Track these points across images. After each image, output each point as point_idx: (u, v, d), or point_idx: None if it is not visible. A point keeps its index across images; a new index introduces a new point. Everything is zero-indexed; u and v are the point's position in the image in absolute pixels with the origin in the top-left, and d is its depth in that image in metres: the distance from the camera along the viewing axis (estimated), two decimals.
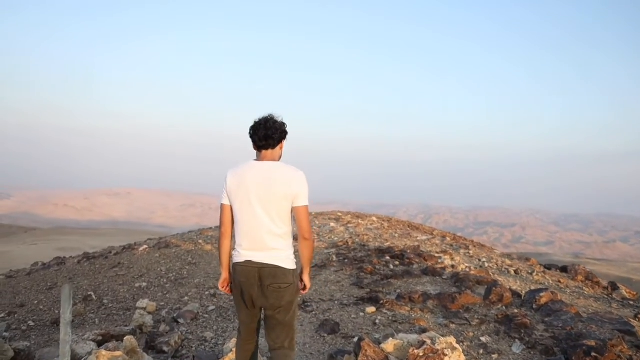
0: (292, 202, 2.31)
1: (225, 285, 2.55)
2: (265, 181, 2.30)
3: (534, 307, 4.68)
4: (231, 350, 3.57)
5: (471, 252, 10.93)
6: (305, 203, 2.33)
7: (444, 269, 7.54)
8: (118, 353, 3.03)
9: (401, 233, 13.32)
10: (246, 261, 2.34)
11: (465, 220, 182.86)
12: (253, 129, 2.38)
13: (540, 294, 4.76)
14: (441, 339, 2.67)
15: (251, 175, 2.33)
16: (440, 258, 9.02)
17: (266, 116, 2.39)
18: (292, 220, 2.41)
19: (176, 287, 7.33)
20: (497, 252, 12.70)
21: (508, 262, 9.90)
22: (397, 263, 8.18)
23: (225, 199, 2.43)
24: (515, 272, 8.71)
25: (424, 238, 12.91)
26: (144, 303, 5.93)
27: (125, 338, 3.23)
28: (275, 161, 2.41)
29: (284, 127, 2.41)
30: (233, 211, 2.41)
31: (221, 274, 2.54)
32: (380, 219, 15.53)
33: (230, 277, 2.52)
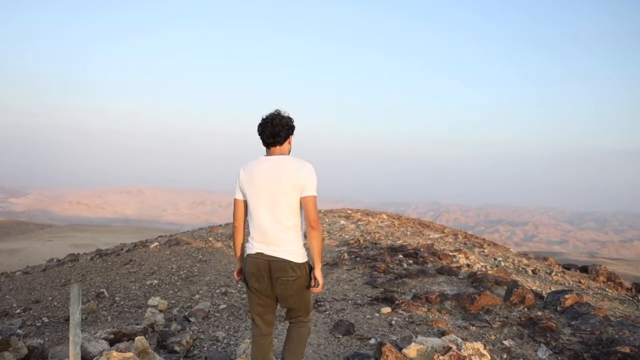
0: (300, 193, 2.35)
1: (238, 274, 2.65)
2: (274, 174, 2.36)
3: (559, 310, 4.49)
4: (244, 352, 3.46)
5: (486, 251, 10.70)
6: (313, 193, 2.36)
7: (460, 268, 7.35)
8: (129, 354, 2.95)
9: (413, 231, 13.12)
10: (257, 253, 2.40)
11: (476, 218, 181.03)
12: (260, 127, 2.43)
13: (565, 296, 4.56)
14: (467, 345, 2.52)
15: (261, 169, 2.39)
16: (454, 257, 8.82)
17: (273, 112, 2.44)
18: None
19: (187, 285, 7.28)
20: (513, 251, 12.42)
21: (525, 262, 9.65)
22: (411, 262, 8.02)
23: (238, 194, 2.49)
24: (533, 272, 8.46)
25: (437, 236, 12.69)
26: (155, 301, 5.87)
27: (136, 339, 3.14)
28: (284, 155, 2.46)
29: (291, 123, 2.46)
30: (246, 205, 2.48)
31: (236, 265, 2.65)
32: (390, 217, 15.34)
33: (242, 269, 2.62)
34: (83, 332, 4.49)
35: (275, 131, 2.38)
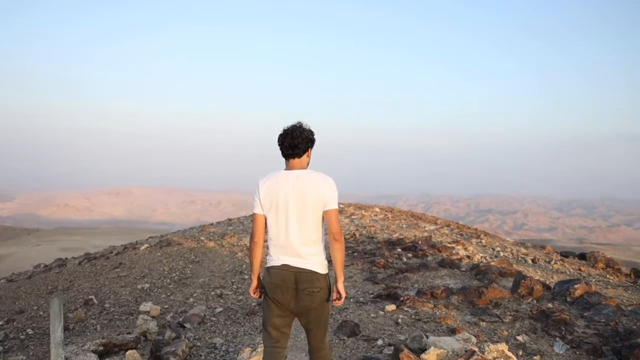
0: (324, 207, 2.39)
1: (255, 291, 2.58)
2: (297, 189, 2.39)
3: (568, 300, 4.34)
4: None
5: (483, 241, 10.59)
6: (335, 206, 2.41)
7: (461, 260, 7.20)
8: None
9: (408, 223, 12.98)
10: (283, 265, 2.39)
11: (466, 208, 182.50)
12: (280, 138, 2.44)
13: (574, 286, 4.41)
14: (491, 347, 2.32)
15: (283, 184, 2.41)
16: (453, 248, 8.67)
17: (294, 124, 2.45)
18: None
19: (180, 288, 7.01)
20: (510, 241, 12.37)
21: (523, 251, 9.56)
22: (410, 255, 7.84)
23: (257, 208, 2.47)
24: (532, 261, 8.37)
25: (433, 228, 12.57)
26: (147, 306, 5.60)
27: (127, 353, 2.88)
28: (303, 169, 2.48)
29: (311, 136, 2.47)
30: (266, 220, 2.47)
31: (252, 281, 2.58)
32: (383, 210, 15.20)
33: (260, 283, 2.55)
34: (70, 345, 4.21)
35: (294, 143, 2.41)
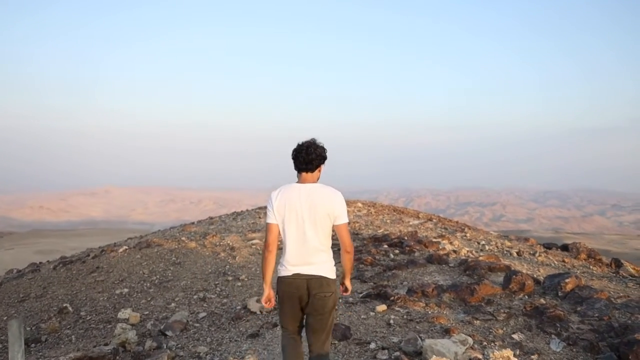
0: (334, 221, 2.62)
1: (268, 301, 2.76)
2: (309, 202, 2.60)
3: (560, 295, 4.29)
4: None
5: (468, 235, 10.62)
6: (345, 221, 2.64)
7: (448, 255, 7.14)
8: None
9: (392, 218, 12.93)
10: (294, 274, 2.61)
11: (446, 201, 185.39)
12: (295, 152, 2.66)
13: (565, 280, 4.37)
14: (496, 353, 2.21)
15: (296, 197, 2.62)
16: (439, 243, 8.63)
17: (309, 141, 2.66)
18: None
19: (161, 292, 6.72)
20: (494, 234, 12.45)
21: (508, 244, 9.62)
22: (397, 251, 7.75)
23: (271, 218, 2.65)
24: (517, 254, 8.40)
25: (417, 222, 12.55)
26: (126, 313, 5.32)
27: None
28: (315, 183, 2.69)
29: (324, 153, 2.69)
30: (280, 230, 2.65)
31: (264, 291, 2.76)
32: (365, 205, 15.12)
33: (273, 292, 2.76)
34: (43, 358, 3.92)
35: (308, 159, 2.62)
